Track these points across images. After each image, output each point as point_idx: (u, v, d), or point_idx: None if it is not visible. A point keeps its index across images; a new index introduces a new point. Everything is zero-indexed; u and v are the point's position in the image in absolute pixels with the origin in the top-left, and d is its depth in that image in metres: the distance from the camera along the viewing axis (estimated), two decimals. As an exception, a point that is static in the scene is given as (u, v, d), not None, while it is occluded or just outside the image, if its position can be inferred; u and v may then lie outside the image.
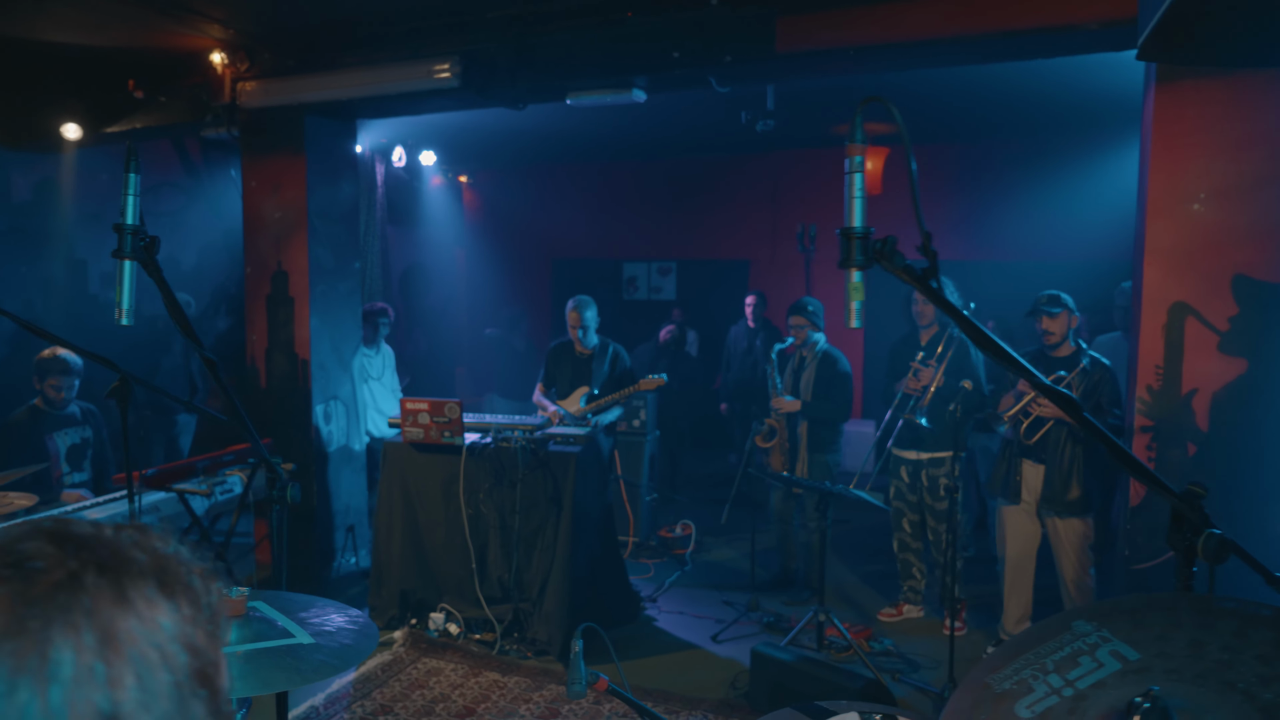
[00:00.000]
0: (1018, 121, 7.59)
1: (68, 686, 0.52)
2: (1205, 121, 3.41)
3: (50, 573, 0.56)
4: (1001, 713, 1.08)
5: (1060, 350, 4.26)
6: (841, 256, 1.28)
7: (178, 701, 0.56)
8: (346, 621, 1.70)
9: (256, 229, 5.57)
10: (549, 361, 5.60)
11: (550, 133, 8.00)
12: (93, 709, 0.52)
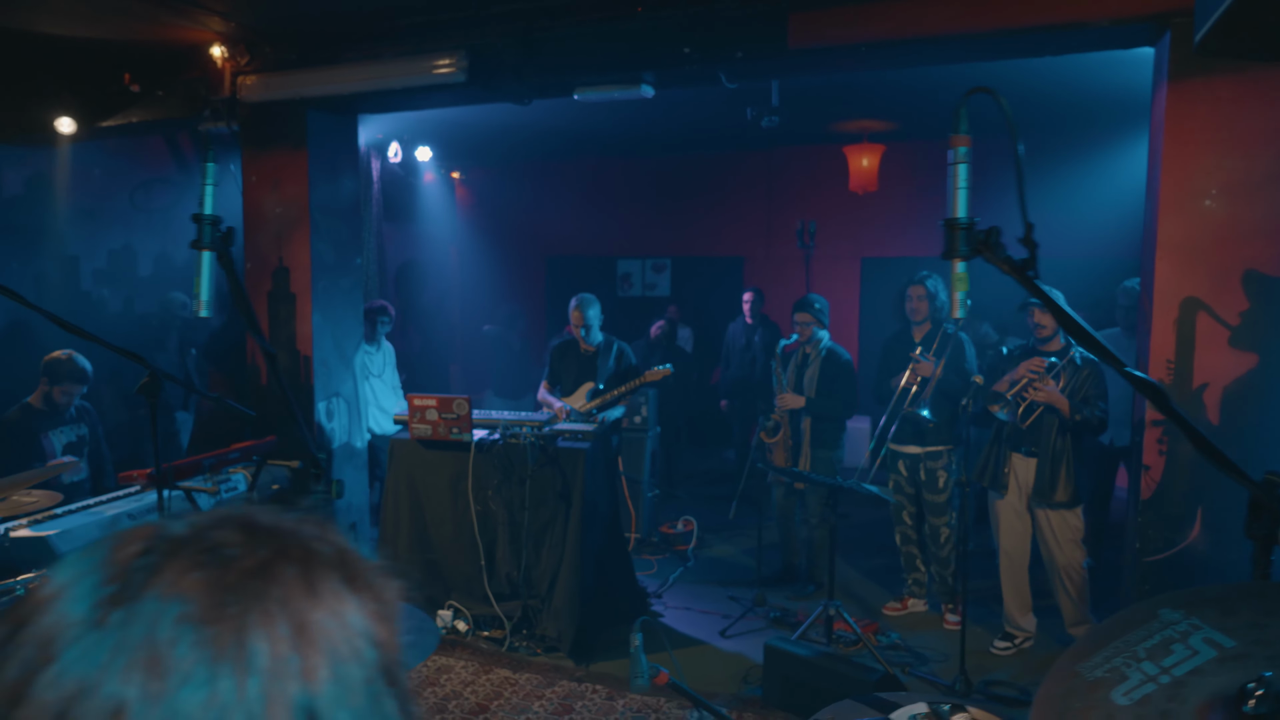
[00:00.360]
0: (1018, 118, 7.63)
1: (264, 677, 0.51)
2: (1216, 119, 3.45)
3: (243, 560, 0.55)
4: (1097, 700, 1.08)
5: (1050, 345, 4.32)
6: (946, 247, 1.27)
7: (371, 698, 0.55)
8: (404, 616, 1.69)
9: (256, 225, 5.51)
10: (553, 359, 5.59)
11: (545, 129, 7.97)
12: (289, 702, 0.51)
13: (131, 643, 0.50)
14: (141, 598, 0.51)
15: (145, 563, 0.54)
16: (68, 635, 0.51)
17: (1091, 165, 7.66)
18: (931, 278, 4.90)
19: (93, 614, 0.51)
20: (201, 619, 0.51)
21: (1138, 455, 3.73)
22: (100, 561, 0.55)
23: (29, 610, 0.54)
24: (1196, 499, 3.60)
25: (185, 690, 0.49)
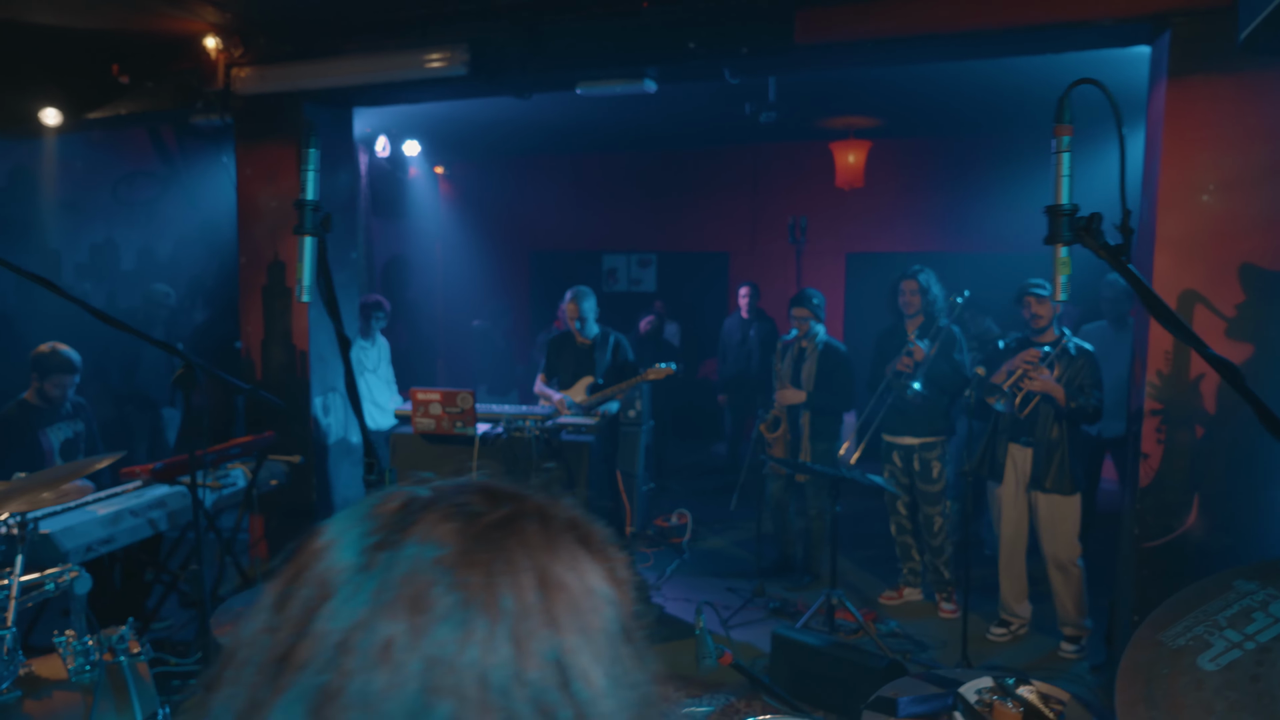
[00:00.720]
0: (1003, 116, 7.76)
1: (513, 620, 0.53)
2: (1215, 116, 3.55)
3: (489, 515, 0.58)
4: (1185, 666, 1.13)
5: (1045, 336, 4.41)
6: (1050, 233, 1.31)
7: (613, 652, 0.57)
8: None
9: (251, 218, 5.45)
10: (550, 352, 5.60)
11: (531, 123, 7.96)
12: (539, 648, 0.53)
13: (394, 583, 0.53)
14: (402, 544, 0.54)
15: (404, 515, 0.57)
16: (341, 577, 0.54)
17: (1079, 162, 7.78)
18: (924, 272, 4.99)
19: (361, 559, 0.54)
20: (454, 564, 0.54)
21: (1135, 444, 3.83)
22: (365, 516, 0.58)
23: (307, 558, 0.57)
24: (1194, 486, 3.70)
25: (442, 628, 0.51)
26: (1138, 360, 3.93)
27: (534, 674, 0.51)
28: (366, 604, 0.52)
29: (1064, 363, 4.36)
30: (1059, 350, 4.37)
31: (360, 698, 0.49)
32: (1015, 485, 4.53)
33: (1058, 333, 4.46)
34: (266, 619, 0.56)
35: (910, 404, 4.77)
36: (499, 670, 0.51)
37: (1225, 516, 3.66)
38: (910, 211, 9.00)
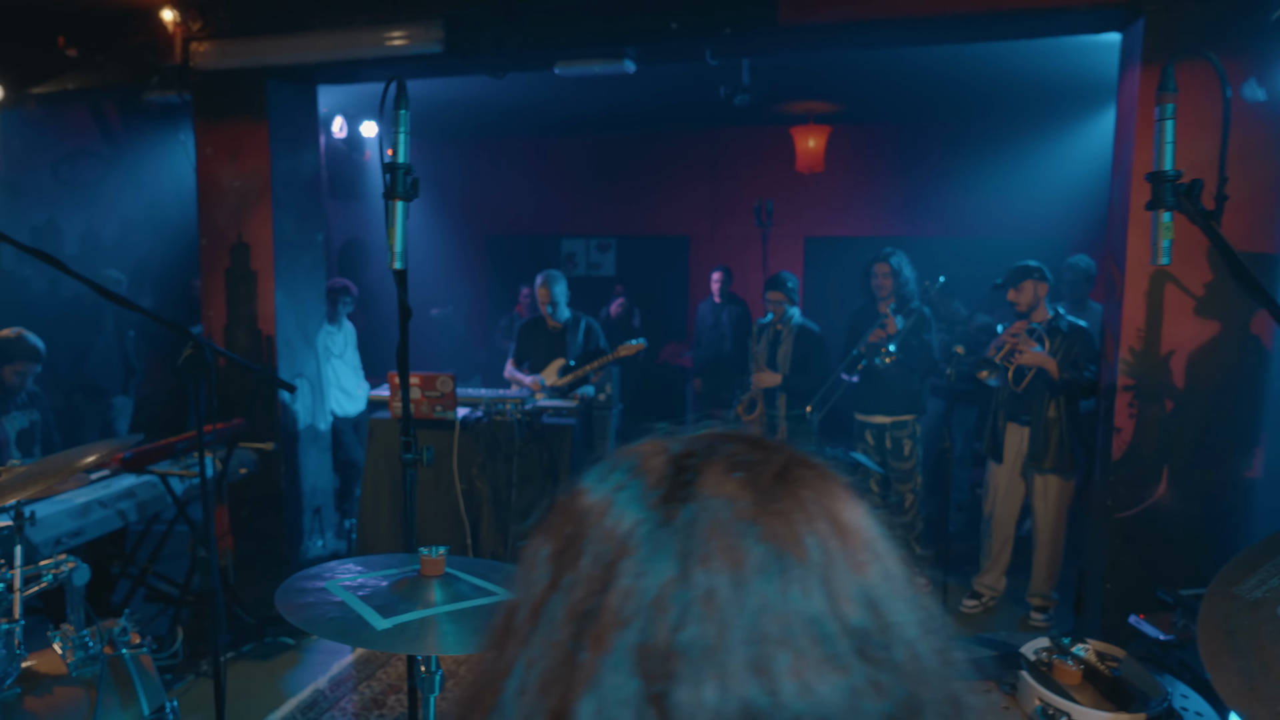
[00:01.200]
0: (960, 104, 7.92)
1: (822, 567, 0.53)
2: (1186, 101, 3.65)
3: (767, 465, 0.57)
4: (1264, 617, 1.18)
5: (1037, 315, 4.53)
6: (1152, 198, 1.35)
7: (912, 594, 0.57)
8: None
9: (212, 199, 5.27)
10: (520, 338, 5.54)
11: (488, 105, 7.85)
12: (853, 596, 0.53)
13: (700, 537, 0.52)
14: (694, 498, 0.54)
15: (680, 469, 0.56)
16: (638, 533, 0.53)
17: (1037, 148, 8.01)
18: (896, 255, 5.07)
19: (653, 514, 0.53)
20: (755, 515, 0.53)
21: (1108, 418, 3.97)
22: (630, 472, 0.57)
23: (582, 515, 0.56)
24: (1163, 458, 3.85)
25: (761, 579, 0.51)
26: (1109, 338, 4.06)
27: (854, 619, 0.51)
28: (674, 559, 0.51)
29: (1057, 338, 4.47)
30: (1048, 326, 4.47)
31: (691, 651, 0.48)
32: (1012, 464, 4.64)
33: (1050, 311, 4.56)
34: (547, 578, 0.55)
35: (883, 376, 4.86)
36: (822, 618, 0.50)
37: (1192, 487, 3.82)
38: (869, 196, 9.14)
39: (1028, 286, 4.57)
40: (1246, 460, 3.76)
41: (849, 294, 8.65)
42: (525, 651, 0.53)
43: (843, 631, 0.51)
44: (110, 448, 2.41)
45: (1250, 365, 3.71)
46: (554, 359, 5.28)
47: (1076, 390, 4.40)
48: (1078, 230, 7.71)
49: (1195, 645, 2.35)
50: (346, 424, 6.03)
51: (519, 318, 8.16)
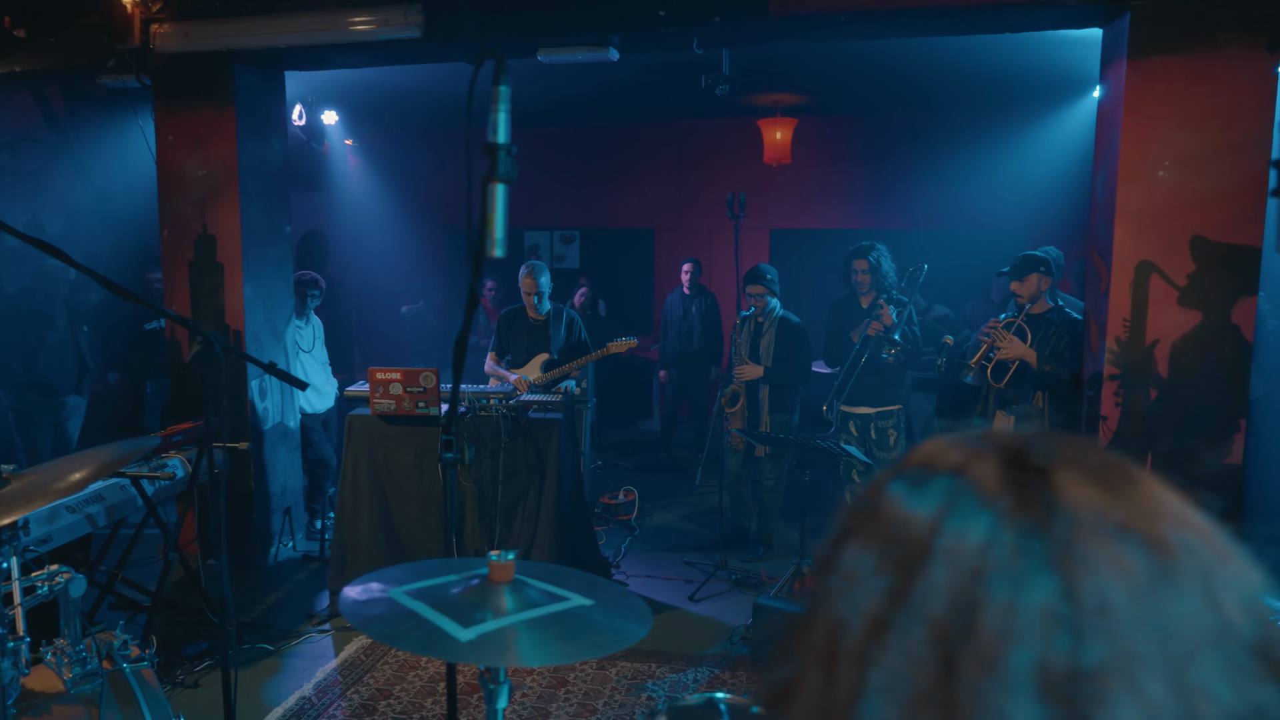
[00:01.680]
0: (925, 97, 8.01)
1: (1202, 572, 0.49)
2: (1170, 96, 3.75)
3: (1110, 465, 0.53)
4: None
5: (1036, 308, 4.44)
6: (1272, 185, 1.32)
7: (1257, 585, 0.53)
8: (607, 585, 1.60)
9: (175, 188, 5.05)
10: (501, 329, 5.43)
11: (450, 94, 7.68)
12: (1234, 597, 0.48)
13: (1079, 546, 0.48)
14: (1057, 505, 0.49)
15: (1026, 475, 0.51)
16: (997, 543, 0.48)
17: (1004, 142, 8.14)
18: (874, 250, 5.09)
19: (1012, 522, 0.49)
20: (1127, 520, 0.49)
21: (1094, 407, 4.04)
22: (958, 480, 0.52)
23: (904, 526, 0.51)
24: (1147, 446, 3.94)
25: (1155, 588, 0.47)
26: (1094, 328, 4.13)
27: (1243, 623, 0.47)
28: (1053, 571, 0.47)
29: (1041, 330, 4.39)
30: (1031, 318, 4.39)
31: (1101, 670, 0.44)
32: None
33: (1049, 303, 4.47)
34: (883, 591, 0.49)
35: (885, 365, 4.88)
36: (1219, 625, 0.47)
37: (1175, 474, 3.89)
38: (835, 189, 9.20)
39: (1032, 279, 4.49)
40: (1227, 446, 3.86)
41: (816, 287, 8.73)
42: (875, 674, 0.48)
43: (1239, 637, 0.47)
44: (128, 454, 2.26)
45: (1231, 354, 3.81)
46: (537, 352, 5.18)
47: (1056, 383, 4.41)
48: (1041, 222, 7.87)
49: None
50: (315, 421, 5.86)
51: (484, 311, 8.03)
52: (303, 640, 4.35)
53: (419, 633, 1.30)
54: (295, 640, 4.34)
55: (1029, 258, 4.52)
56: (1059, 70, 6.25)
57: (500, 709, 1.46)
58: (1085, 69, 6.20)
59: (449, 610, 1.34)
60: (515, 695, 3.83)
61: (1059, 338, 4.33)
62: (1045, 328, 4.43)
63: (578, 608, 1.42)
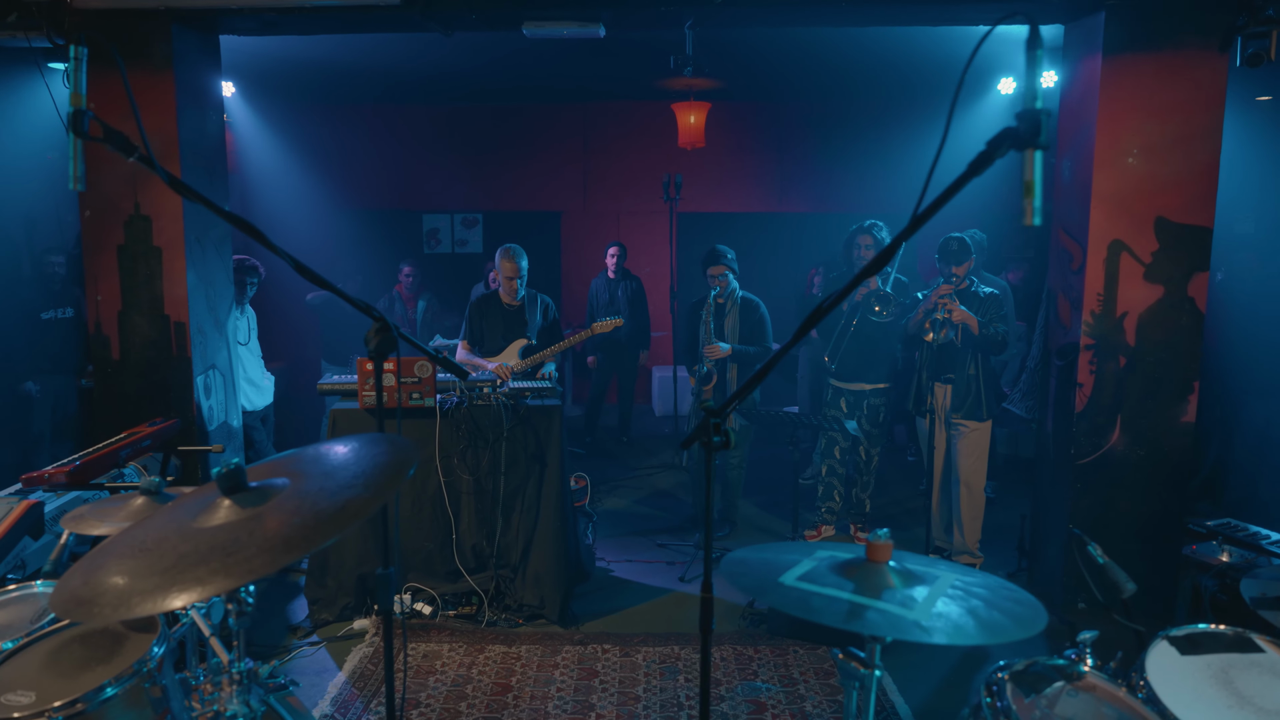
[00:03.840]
0: (835, 85, 8.30)
1: None
2: (1140, 89, 4.10)
3: None
4: None
5: (963, 284, 4.86)
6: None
7: None
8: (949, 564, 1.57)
9: (97, 161, 4.46)
10: (473, 316, 5.15)
11: (343, 66, 7.22)
12: None
13: None
14: None
15: None
16: None
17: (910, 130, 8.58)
18: (878, 227, 5.30)
19: None
20: None
21: (1070, 374, 4.38)
22: None
23: None
24: (1117, 409, 4.32)
25: None
26: (1064, 303, 4.48)
27: None
28: None
29: (968, 302, 4.82)
30: (957, 290, 4.80)
31: None
32: (940, 419, 4.99)
33: (967, 280, 4.93)
34: None
35: (878, 339, 5.07)
36: None
37: (1140, 433, 4.32)
38: (740, 173, 9.40)
39: (969, 261, 4.91)
40: (1183, 406, 4.30)
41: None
42: None
43: None
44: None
45: (1188, 323, 4.24)
46: (513, 338, 4.98)
47: (992, 344, 4.79)
48: (951, 206, 8.37)
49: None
50: (254, 418, 5.39)
51: (399, 298, 7.64)
52: (295, 655, 4.02)
53: (882, 622, 1.25)
54: (286, 655, 4.00)
55: (963, 244, 4.88)
56: (960, 63, 6.67)
57: (873, 693, 1.42)
58: (985, 62, 6.68)
59: (868, 595, 1.29)
60: (551, 690, 3.73)
61: (985, 308, 4.73)
62: (971, 300, 4.81)
63: (964, 584, 1.41)
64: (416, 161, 9.40)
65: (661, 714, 3.55)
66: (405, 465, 1.45)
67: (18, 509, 2.33)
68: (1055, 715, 1.49)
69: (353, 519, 1.29)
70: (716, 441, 1.68)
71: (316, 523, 1.28)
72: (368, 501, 1.32)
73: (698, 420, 5.47)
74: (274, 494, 1.39)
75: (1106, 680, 1.59)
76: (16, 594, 1.92)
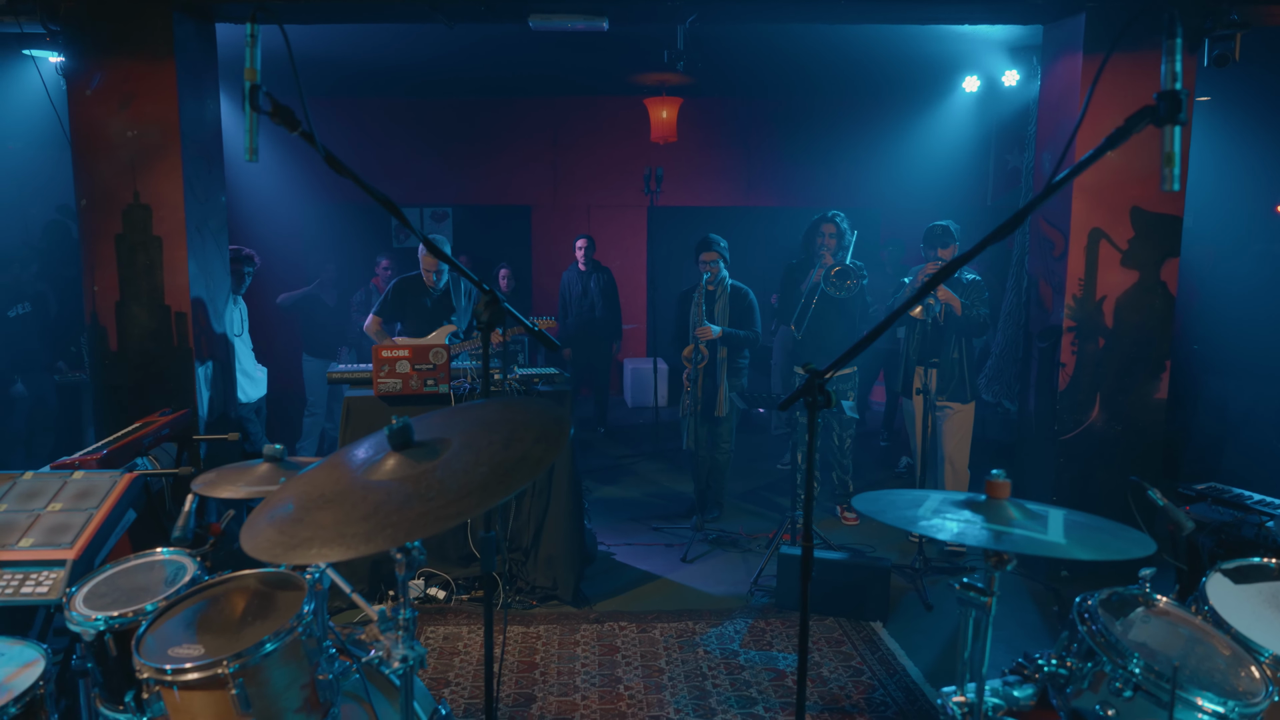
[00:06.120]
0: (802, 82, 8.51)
1: None
2: (1116, 86, 4.37)
3: None
4: None
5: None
6: None
7: None
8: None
9: (96, 151, 4.41)
10: (394, 297, 5.12)
11: (313, 60, 7.16)
12: None
13: None
14: None
15: None
16: None
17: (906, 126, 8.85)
18: (840, 216, 5.48)
19: None
20: None
21: (1054, 355, 4.65)
22: None
23: None
24: (1096, 387, 4.60)
25: None
26: (1046, 288, 4.74)
27: None
28: None
29: (957, 288, 5.07)
30: (949, 279, 5.07)
31: None
32: (924, 401, 5.22)
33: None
34: None
35: (842, 323, 5.27)
36: None
37: (1117, 409, 4.61)
38: (708, 168, 9.57)
39: (953, 246, 5.16)
40: (1156, 384, 4.60)
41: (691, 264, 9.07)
42: None
43: None
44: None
45: (1160, 306, 4.54)
46: (438, 323, 4.97)
47: (975, 325, 5.04)
48: (914, 198, 8.70)
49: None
50: (249, 410, 5.35)
51: (376, 291, 7.61)
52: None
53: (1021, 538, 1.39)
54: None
55: (947, 230, 5.13)
56: (926, 61, 6.96)
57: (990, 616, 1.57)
58: (951, 61, 6.98)
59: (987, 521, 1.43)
60: (576, 665, 3.82)
61: (966, 292, 4.98)
62: (955, 285, 5.06)
63: (1076, 519, 1.59)
64: (384, 155, 9.34)
65: (688, 684, 3.68)
66: (563, 421, 1.55)
67: (122, 481, 2.34)
68: (1139, 635, 1.67)
69: (538, 467, 1.39)
70: (820, 401, 1.82)
71: (504, 470, 1.37)
72: (547, 450, 1.41)
73: (693, 416, 5.66)
74: (444, 448, 1.48)
75: (1177, 606, 1.80)
76: (139, 561, 1.95)
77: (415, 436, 1.53)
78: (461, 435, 1.53)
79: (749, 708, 3.49)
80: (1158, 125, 1.41)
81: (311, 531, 1.34)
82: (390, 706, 1.98)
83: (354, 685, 1.97)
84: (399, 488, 1.39)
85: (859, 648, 4.01)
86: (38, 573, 1.93)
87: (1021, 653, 2.08)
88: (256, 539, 1.36)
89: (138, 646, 1.58)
